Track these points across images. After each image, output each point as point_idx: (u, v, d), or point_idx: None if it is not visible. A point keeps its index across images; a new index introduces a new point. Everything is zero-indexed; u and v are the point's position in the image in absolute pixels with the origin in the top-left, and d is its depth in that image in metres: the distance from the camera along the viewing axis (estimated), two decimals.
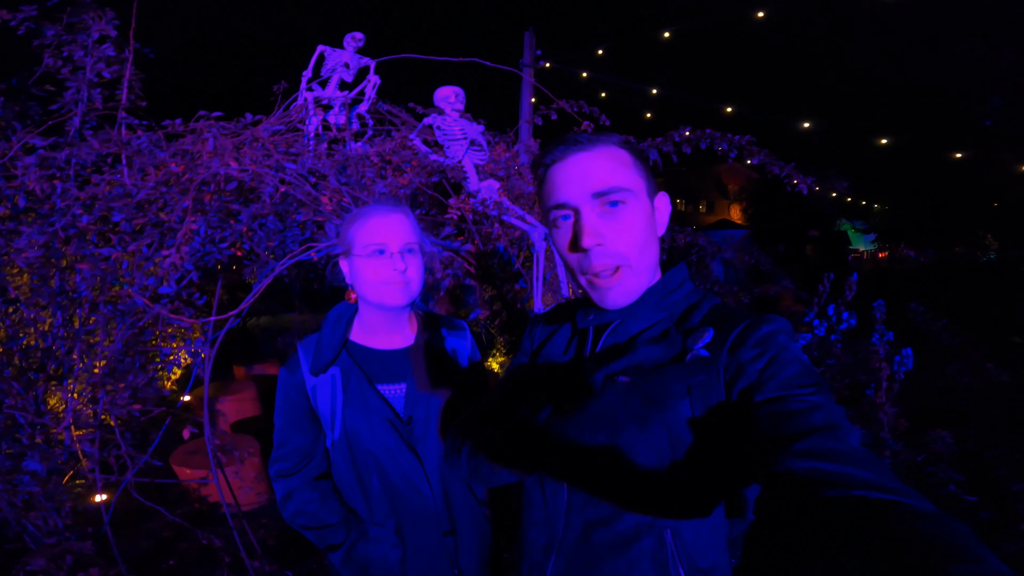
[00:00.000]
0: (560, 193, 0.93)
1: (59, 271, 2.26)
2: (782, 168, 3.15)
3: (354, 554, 1.42)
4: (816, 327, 2.85)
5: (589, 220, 0.91)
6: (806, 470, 0.63)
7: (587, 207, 0.91)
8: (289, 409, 1.41)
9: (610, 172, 0.92)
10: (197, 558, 2.94)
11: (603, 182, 0.91)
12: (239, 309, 2.01)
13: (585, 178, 0.91)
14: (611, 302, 0.95)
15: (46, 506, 2.25)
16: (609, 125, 3.48)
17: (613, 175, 0.92)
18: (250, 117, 2.60)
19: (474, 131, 2.72)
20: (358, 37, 3.10)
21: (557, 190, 0.94)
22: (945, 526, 0.50)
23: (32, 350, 2.50)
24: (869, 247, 32.76)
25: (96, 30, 2.51)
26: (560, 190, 0.94)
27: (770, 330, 0.85)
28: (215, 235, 2.12)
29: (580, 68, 8.69)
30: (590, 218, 0.91)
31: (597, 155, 0.93)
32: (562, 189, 0.93)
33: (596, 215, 0.91)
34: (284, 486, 1.43)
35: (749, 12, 7.53)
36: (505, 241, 2.89)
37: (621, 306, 0.95)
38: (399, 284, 1.32)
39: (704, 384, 0.85)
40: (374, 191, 2.44)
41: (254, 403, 4.92)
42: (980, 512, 2.44)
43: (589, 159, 0.93)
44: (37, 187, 2.08)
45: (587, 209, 0.91)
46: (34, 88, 2.56)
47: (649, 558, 0.87)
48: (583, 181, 0.91)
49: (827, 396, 0.75)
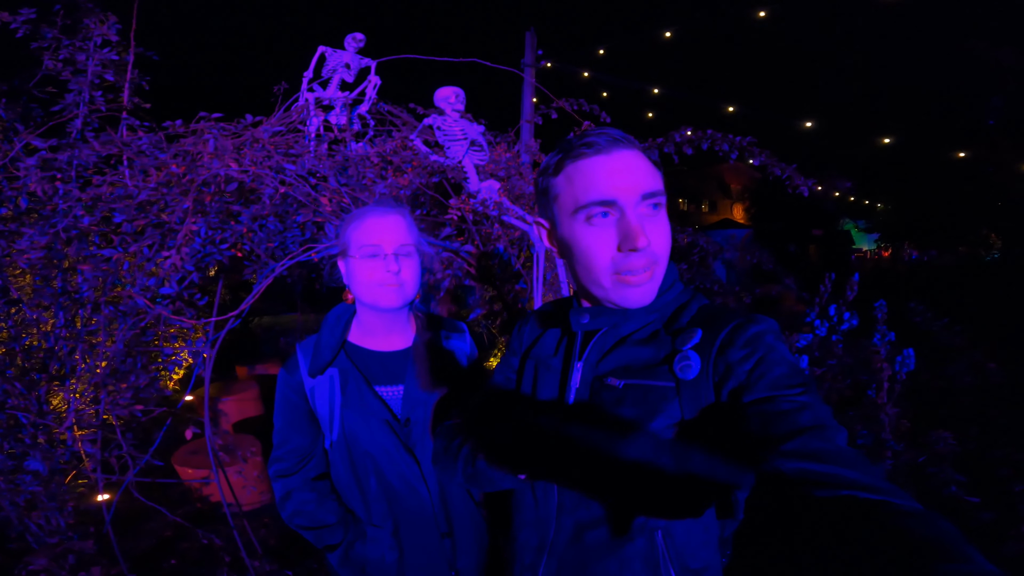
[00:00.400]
0: (605, 189, 0.87)
1: (61, 272, 2.27)
2: (783, 170, 3.15)
3: (351, 554, 1.42)
4: (817, 327, 2.84)
5: (639, 221, 0.87)
6: (795, 471, 0.64)
7: (638, 207, 0.88)
8: (288, 410, 1.42)
9: (654, 174, 0.91)
10: (198, 558, 2.95)
11: (651, 184, 0.89)
12: (239, 310, 2.02)
13: (635, 176, 0.88)
14: (636, 300, 0.92)
15: (48, 506, 2.26)
16: (610, 122, 3.48)
17: (656, 177, 0.91)
18: (250, 118, 2.60)
19: (474, 131, 2.72)
20: (359, 38, 3.10)
21: (600, 184, 0.88)
22: (933, 525, 0.50)
23: (34, 350, 2.51)
24: (872, 246, 32.68)
25: (98, 35, 2.53)
26: (605, 186, 0.88)
27: (758, 330, 0.85)
28: (215, 236, 2.13)
29: (582, 68, 8.68)
30: (640, 219, 0.88)
31: (638, 155, 0.91)
32: (608, 184, 0.87)
33: (642, 216, 0.89)
34: (283, 486, 1.43)
35: (751, 11, 7.51)
36: (505, 241, 2.89)
37: (644, 304, 0.93)
38: (393, 286, 1.32)
39: (693, 385, 0.85)
40: (374, 192, 2.44)
41: (256, 403, 4.93)
42: (982, 513, 2.43)
43: (635, 157, 0.90)
44: (39, 188, 2.09)
45: (637, 209, 0.88)
46: (35, 90, 2.57)
47: (641, 559, 0.88)
48: (634, 180, 0.88)
49: (815, 396, 0.76)
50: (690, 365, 0.86)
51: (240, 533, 2.26)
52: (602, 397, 0.92)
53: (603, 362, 0.95)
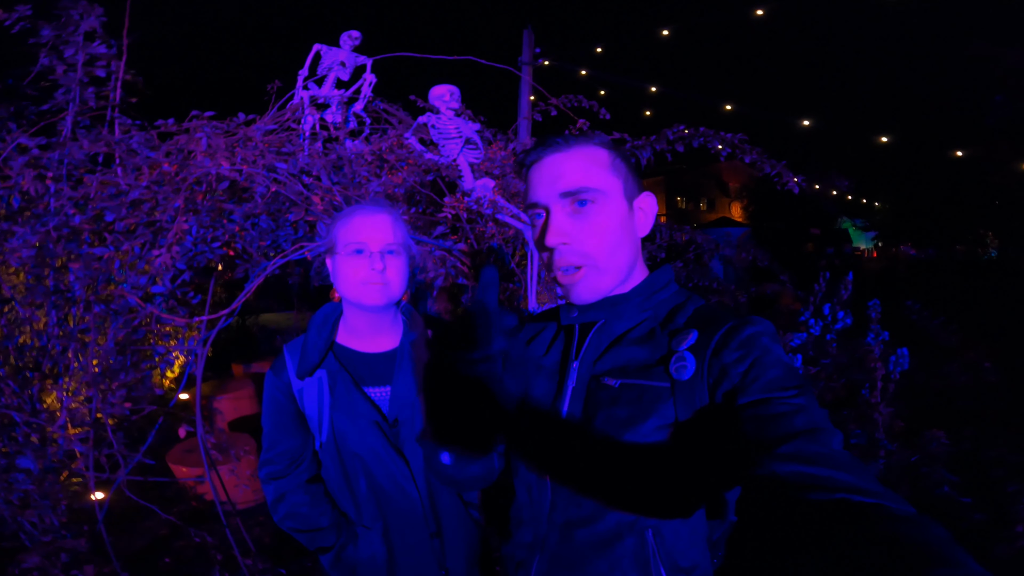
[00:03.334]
0: (533, 193, 0.97)
1: (53, 270, 2.27)
2: (773, 166, 3.15)
3: (343, 557, 1.42)
4: (812, 326, 2.85)
5: (556, 219, 0.93)
6: (789, 473, 0.64)
7: (556, 206, 0.94)
8: (276, 412, 1.42)
9: (582, 172, 0.93)
10: (193, 556, 2.95)
11: (572, 182, 0.93)
12: (231, 308, 2.02)
13: (556, 178, 0.94)
14: (576, 297, 0.97)
15: (41, 504, 2.26)
16: (609, 119, 3.48)
17: (585, 175, 0.93)
18: (243, 117, 2.59)
19: (469, 129, 2.71)
20: (354, 35, 3.09)
21: (532, 190, 0.98)
22: (926, 530, 0.50)
23: (27, 349, 2.50)
24: (870, 245, 32.74)
25: (84, 26, 2.50)
26: (533, 190, 0.97)
27: (753, 332, 0.85)
28: (207, 235, 2.12)
29: (579, 66, 8.67)
30: (558, 217, 0.93)
31: (571, 156, 0.95)
32: (535, 189, 0.97)
33: (565, 215, 0.93)
34: (275, 489, 1.43)
35: (750, 10, 7.50)
36: (499, 240, 2.88)
37: (586, 302, 0.97)
38: (377, 284, 1.31)
39: (688, 386, 0.85)
40: (368, 190, 2.44)
41: (252, 401, 4.92)
42: (974, 513, 2.43)
43: (562, 160, 0.95)
44: (31, 187, 2.08)
45: (556, 208, 0.94)
46: (29, 88, 2.56)
47: (631, 557, 0.88)
48: (553, 181, 0.94)
49: (810, 398, 0.75)
50: (685, 366, 0.86)
51: (233, 532, 2.26)
52: (598, 397, 0.92)
53: (600, 362, 0.95)
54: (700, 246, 4.69)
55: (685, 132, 3.23)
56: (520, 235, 2.85)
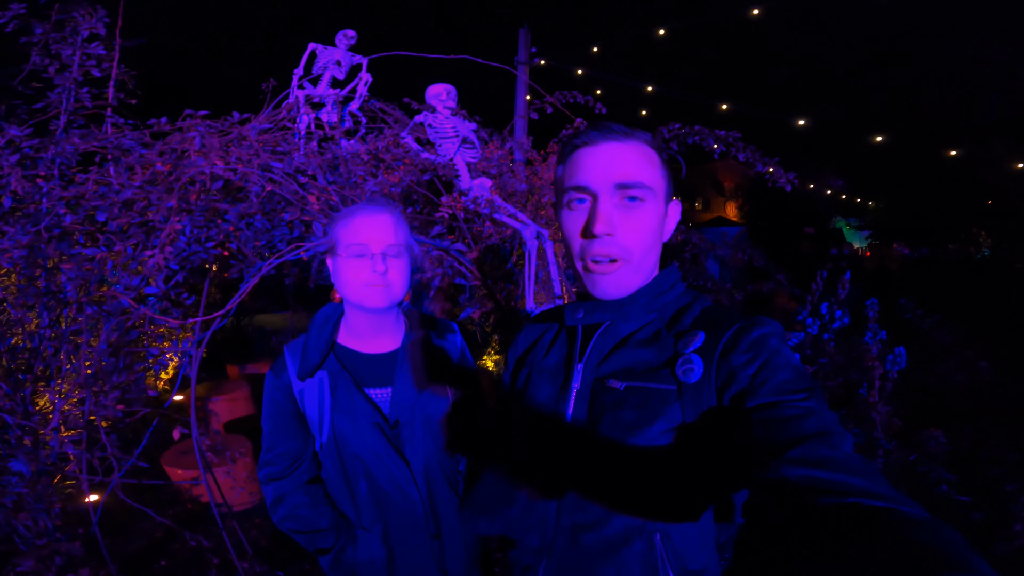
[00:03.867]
0: (583, 176, 0.93)
1: (45, 271, 2.24)
2: (766, 164, 3.15)
3: (343, 558, 1.41)
4: (809, 326, 2.85)
5: (605, 209, 0.90)
6: (800, 477, 0.63)
7: (606, 195, 0.91)
8: (276, 413, 1.40)
9: (637, 167, 0.92)
10: (189, 559, 2.93)
11: (629, 175, 0.91)
12: (225, 309, 2.00)
13: (612, 167, 0.91)
14: (602, 291, 0.94)
15: (35, 507, 2.23)
16: (606, 114, 3.48)
17: (640, 170, 0.92)
18: (238, 116, 2.57)
19: (466, 129, 2.70)
20: (350, 35, 3.07)
21: (580, 172, 0.93)
22: (939, 534, 0.50)
23: (19, 351, 2.47)
24: (863, 244, 32.87)
25: (86, 28, 2.49)
26: (583, 173, 0.93)
27: (761, 334, 0.84)
28: (201, 234, 2.10)
29: (575, 65, 8.66)
30: (607, 207, 0.91)
31: (628, 148, 0.92)
32: (586, 172, 0.92)
33: (613, 205, 0.91)
34: (275, 490, 1.41)
35: (744, 9, 7.51)
36: (497, 239, 2.87)
37: (611, 297, 0.95)
38: (379, 286, 1.30)
39: (695, 389, 0.84)
40: (365, 190, 2.42)
41: (247, 402, 4.89)
42: (972, 512, 2.43)
43: (620, 149, 0.92)
44: (18, 186, 2.06)
45: (606, 197, 0.91)
46: (21, 86, 2.53)
47: (639, 561, 0.87)
48: (609, 169, 0.91)
49: (820, 401, 0.75)
50: (692, 369, 0.85)
51: (229, 534, 2.24)
52: (603, 400, 0.91)
53: (604, 364, 0.94)
54: (696, 245, 4.70)
55: (681, 131, 3.24)
56: (517, 235, 2.84)
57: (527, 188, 3.25)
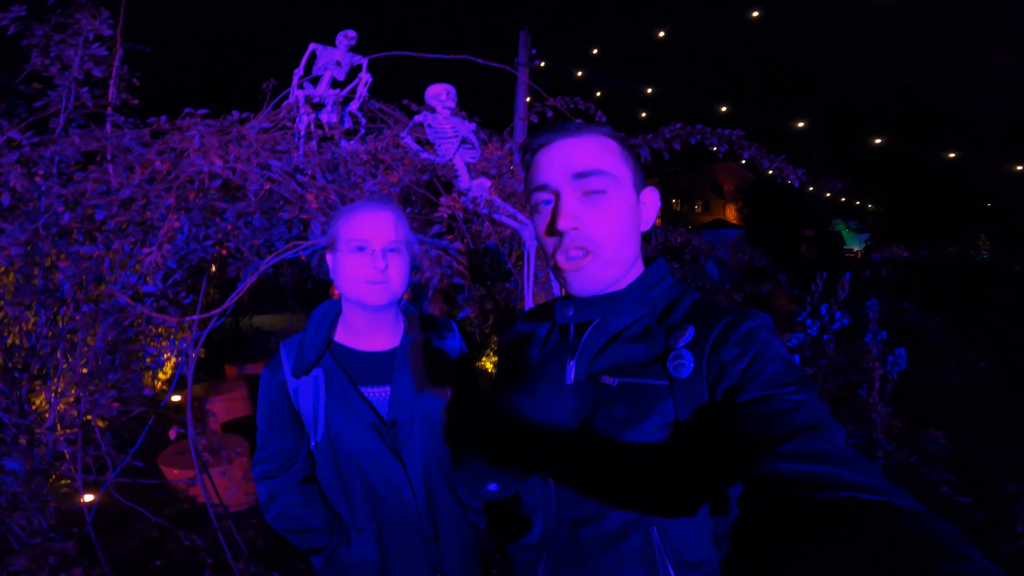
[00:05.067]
0: (542, 175, 0.93)
1: (43, 269, 2.24)
2: (772, 161, 3.15)
3: (335, 558, 1.40)
4: (809, 327, 2.84)
5: (568, 203, 0.90)
6: (794, 472, 0.63)
7: (567, 190, 0.91)
8: (271, 410, 1.39)
9: (594, 156, 0.91)
10: (184, 559, 2.91)
11: (585, 164, 0.90)
12: (222, 308, 1.99)
13: (568, 160, 0.91)
14: (577, 287, 0.94)
15: (30, 506, 2.23)
16: (605, 120, 3.47)
17: (597, 159, 0.91)
18: (237, 115, 2.57)
19: (465, 129, 2.69)
20: (350, 35, 3.07)
21: (540, 172, 0.94)
22: (934, 525, 0.50)
23: (16, 349, 2.47)
24: (863, 246, 32.92)
25: (89, 30, 2.49)
26: (542, 172, 0.93)
27: (751, 327, 0.83)
28: (199, 233, 2.09)
29: (576, 67, 8.66)
30: (569, 201, 0.90)
31: (583, 140, 0.92)
32: (544, 171, 0.93)
33: (576, 199, 0.91)
34: (268, 488, 1.40)
35: (744, 12, 7.53)
36: (496, 240, 2.87)
37: (587, 294, 0.94)
38: (379, 283, 1.29)
39: (687, 384, 0.84)
40: (364, 189, 2.42)
41: (245, 403, 4.88)
42: (973, 513, 2.43)
43: (574, 143, 0.92)
44: (18, 183, 2.05)
45: (567, 192, 0.91)
46: (22, 86, 2.53)
47: (637, 554, 0.87)
48: (566, 163, 0.91)
49: (811, 393, 0.74)
50: (684, 364, 0.84)
51: (225, 534, 2.23)
52: (597, 396, 0.90)
53: (597, 360, 0.94)
54: (696, 247, 4.70)
55: (682, 130, 3.23)
56: (516, 235, 2.83)
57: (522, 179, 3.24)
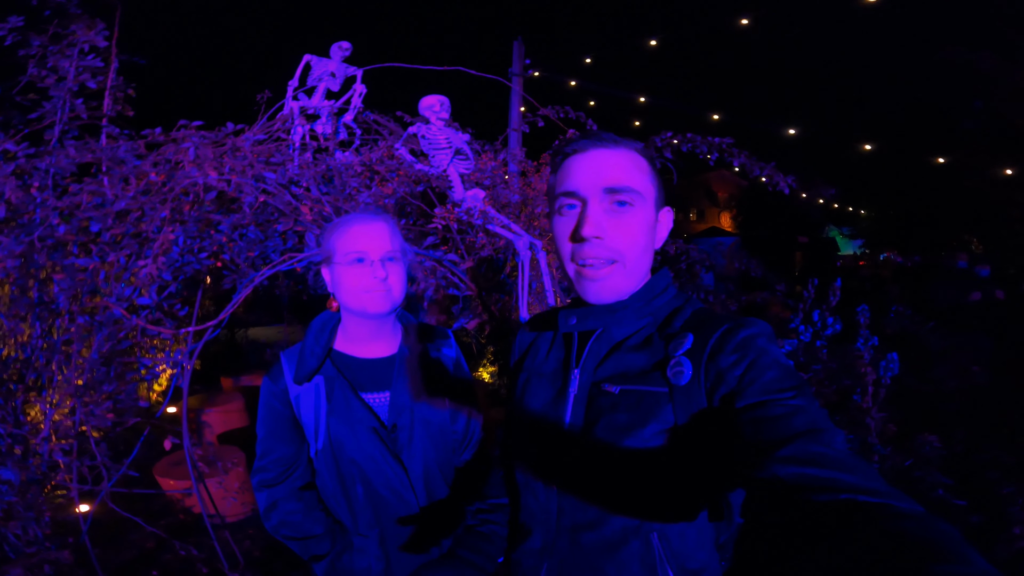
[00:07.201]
0: (572, 181, 0.94)
1: (38, 281, 2.24)
2: (762, 168, 3.18)
3: (338, 565, 1.40)
4: (802, 333, 2.86)
5: (594, 212, 0.92)
6: (792, 476, 0.63)
7: (595, 200, 0.92)
8: (272, 418, 1.40)
9: (626, 172, 0.93)
10: (180, 569, 2.90)
11: (617, 179, 0.92)
12: (217, 320, 2.00)
13: (601, 172, 0.93)
14: (595, 295, 0.95)
15: (25, 516, 2.22)
16: (597, 130, 3.49)
17: (628, 175, 0.93)
18: (232, 127, 2.58)
19: (459, 140, 2.72)
20: (345, 46, 3.10)
21: (570, 178, 0.95)
22: (932, 527, 0.50)
23: (11, 361, 2.47)
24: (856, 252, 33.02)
25: (85, 41, 2.50)
26: (573, 179, 0.94)
27: (748, 334, 0.85)
28: (194, 245, 2.10)
29: (569, 77, 8.73)
30: (596, 211, 0.92)
31: (617, 154, 0.94)
32: (575, 178, 0.94)
33: (602, 210, 0.92)
34: (268, 496, 1.41)
35: (734, 20, 7.60)
36: (490, 250, 2.88)
37: (604, 302, 0.95)
38: (380, 292, 1.31)
39: (685, 391, 0.85)
40: (358, 201, 2.43)
41: (241, 414, 4.86)
42: (970, 516, 2.43)
43: (609, 156, 0.94)
44: (12, 196, 2.06)
45: (595, 202, 0.92)
46: (18, 97, 2.55)
47: (637, 560, 0.88)
48: (598, 174, 0.93)
49: (809, 399, 0.75)
50: (682, 371, 0.86)
51: (221, 545, 2.22)
52: (599, 403, 0.92)
53: (600, 368, 0.95)
54: (692, 257, 4.71)
55: (674, 141, 3.26)
56: (511, 245, 2.85)
57: (520, 199, 3.27)
